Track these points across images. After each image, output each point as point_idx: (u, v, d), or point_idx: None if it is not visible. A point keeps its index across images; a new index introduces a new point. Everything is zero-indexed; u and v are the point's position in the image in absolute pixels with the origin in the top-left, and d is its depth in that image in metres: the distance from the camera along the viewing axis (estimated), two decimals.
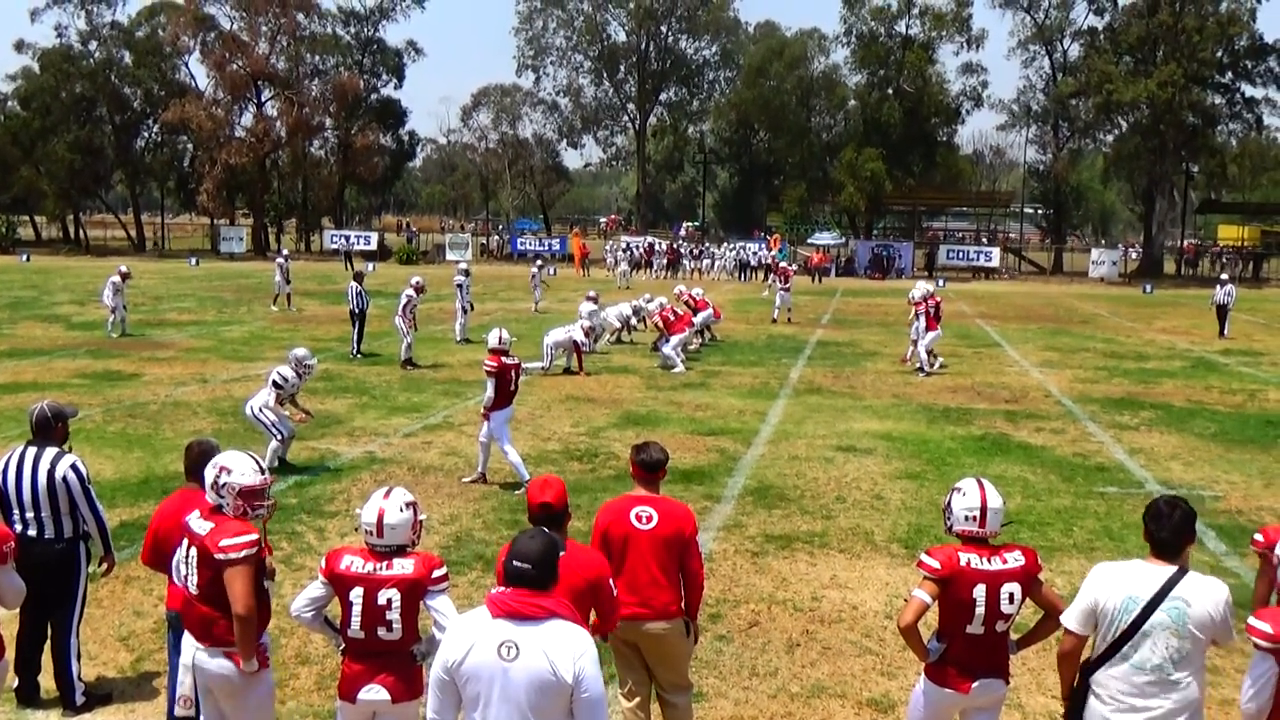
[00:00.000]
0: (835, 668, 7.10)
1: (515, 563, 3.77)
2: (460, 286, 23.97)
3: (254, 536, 4.86)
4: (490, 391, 11.30)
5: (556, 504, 4.97)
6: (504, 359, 11.41)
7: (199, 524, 4.96)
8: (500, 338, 11.69)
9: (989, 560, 4.70)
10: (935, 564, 4.70)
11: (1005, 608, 4.69)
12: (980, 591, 4.65)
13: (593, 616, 4.96)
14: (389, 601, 4.66)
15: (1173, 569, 4.34)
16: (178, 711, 5.29)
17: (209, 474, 5.01)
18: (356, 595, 4.67)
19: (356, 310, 21.14)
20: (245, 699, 4.94)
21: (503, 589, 3.78)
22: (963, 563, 4.67)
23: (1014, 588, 4.69)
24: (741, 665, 7.11)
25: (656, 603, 5.43)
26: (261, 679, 4.95)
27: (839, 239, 62.86)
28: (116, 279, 23.85)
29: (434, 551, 9.07)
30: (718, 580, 8.62)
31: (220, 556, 4.76)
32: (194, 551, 4.92)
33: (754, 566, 9.00)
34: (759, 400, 17.00)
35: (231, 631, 4.80)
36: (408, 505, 4.82)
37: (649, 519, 5.43)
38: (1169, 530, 4.38)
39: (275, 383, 11.91)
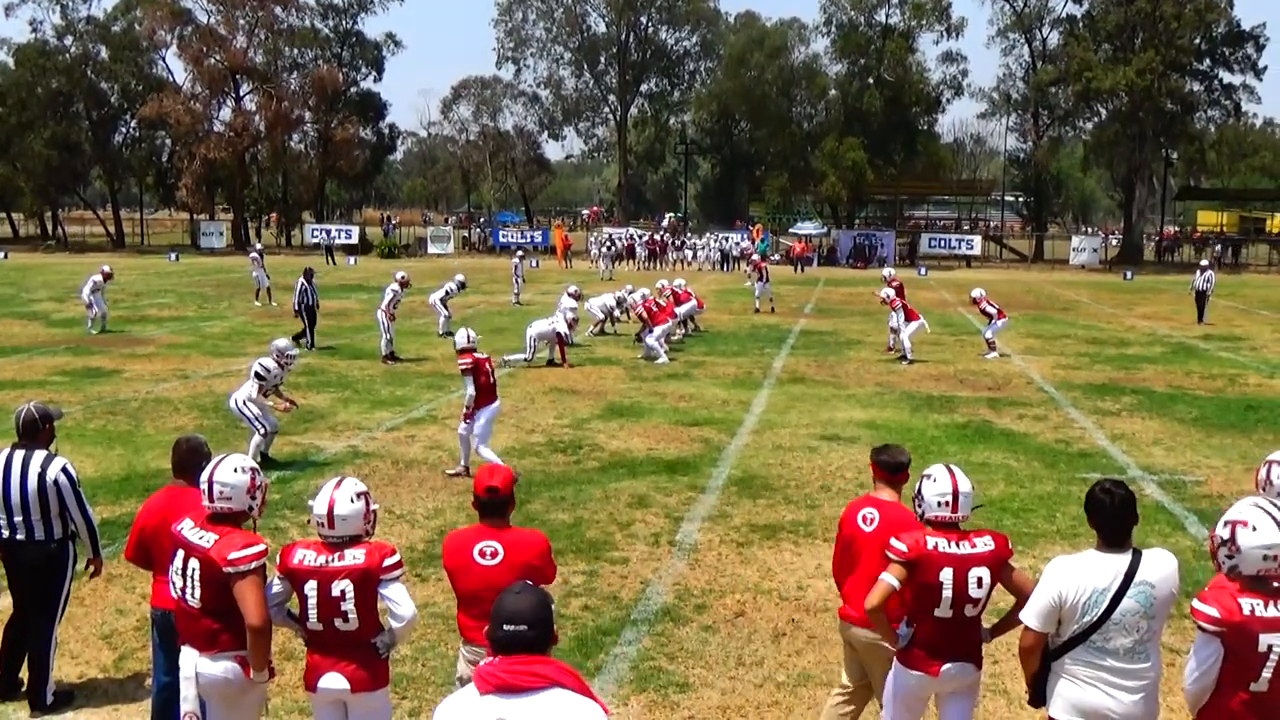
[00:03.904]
0: (821, 656, 7.11)
1: (506, 626, 3.16)
2: (448, 291, 23.95)
3: (262, 547, 4.83)
4: (470, 389, 11.33)
5: (503, 489, 4.97)
6: (475, 354, 11.51)
7: (197, 535, 4.85)
8: (469, 337, 11.76)
9: (957, 544, 4.74)
10: (902, 547, 4.75)
11: (974, 591, 4.72)
12: (947, 575, 4.69)
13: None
14: (342, 593, 4.62)
15: (1128, 554, 4.37)
16: None
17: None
18: (311, 589, 4.65)
19: (298, 306, 21.23)
20: (241, 702, 4.93)
21: (492, 660, 3.17)
22: (930, 546, 4.72)
23: (982, 572, 4.72)
24: (728, 655, 7.11)
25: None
26: (260, 682, 4.93)
27: (821, 228, 62.94)
28: (98, 278, 23.67)
29: (419, 546, 9.08)
30: (703, 570, 8.63)
31: (230, 570, 4.70)
32: (195, 564, 4.81)
33: (739, 556, 9.00)
34: (743, 390, 17.01)
35: (236, 638, 4.77)
36: (359, 495, 4.78)
37: (871, 520, 5.29)
38: (1117, 516, 4.40)
39: (258, 374, 11.87)
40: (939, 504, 4.81)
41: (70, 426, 13.38)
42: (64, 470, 6.19)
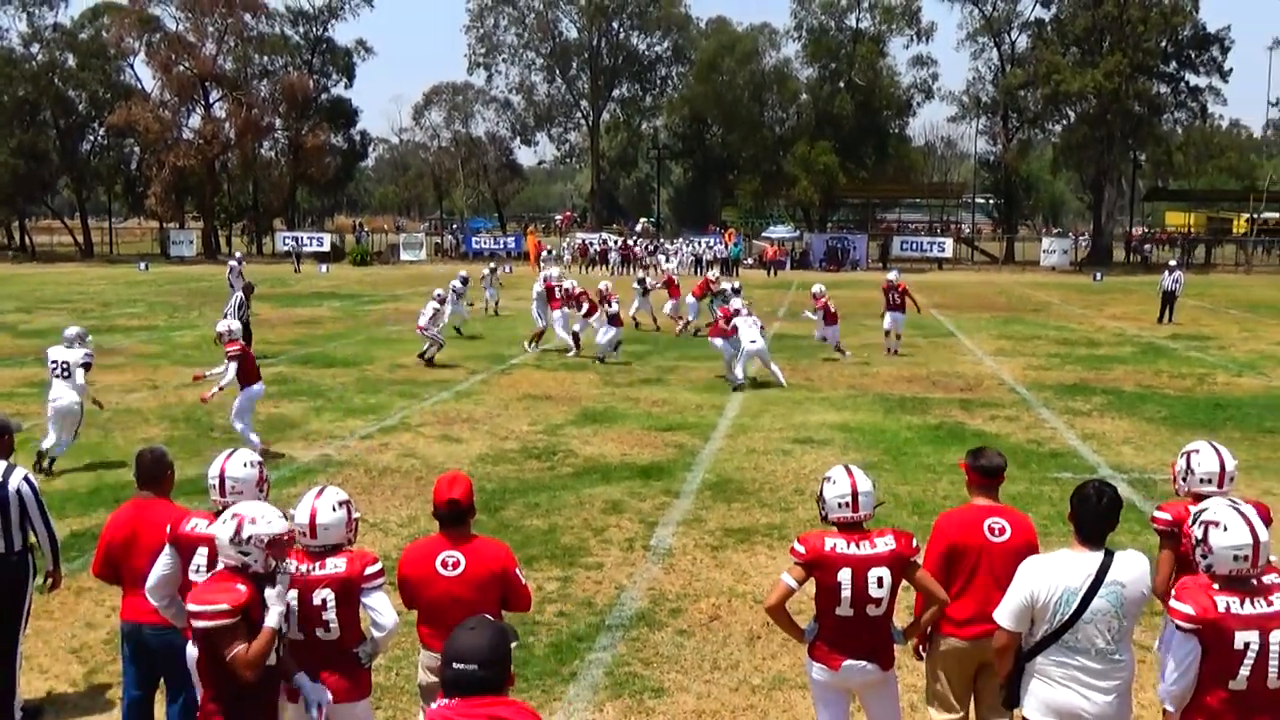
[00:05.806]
0: (796, 659, 7.10)
1: (455, 665, 3.00)
2: (456, 293, 23.83)
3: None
4: (232, 373, 12.13)
5: (464, 500, 4.95)
6: (241, 343, 12.60)
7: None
8: (230, 328, 12.68)
9: (857, 545, 4.80)
10: (801, 549, 4.84)
11: (874, 591, 4.78)
12: (845, 575, 4.76)
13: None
14: (324, 602, 4.62)
15: (1100, 554, 4.42)
16: None
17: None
18: (292, 597, 4.62)
19: (226, 314, 20.99)
20: None
21: (443, 702, 3.01)
22: (828, 548, 4.79)
23: (882, 572, 4.78)
24: (703, 659, 7.11)
25: None
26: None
27: (793, 232, 63.16)
28: None
29: (392, 555, 9.01)
30: (678, 575, 8.63)
31: None
32: None
33: (714, 560, 9.01)
34: (716, 395, 17.04)
35: None
36: (340, 504, 4.79)
37: (1001, 531, 5.12)
38: (1099, 515, 4.45)
39: (86, 364, 12.13)
40: (839, 505, 4.89)
41: (38, 438, 13.22)
42: (25, 480, 6.14)
